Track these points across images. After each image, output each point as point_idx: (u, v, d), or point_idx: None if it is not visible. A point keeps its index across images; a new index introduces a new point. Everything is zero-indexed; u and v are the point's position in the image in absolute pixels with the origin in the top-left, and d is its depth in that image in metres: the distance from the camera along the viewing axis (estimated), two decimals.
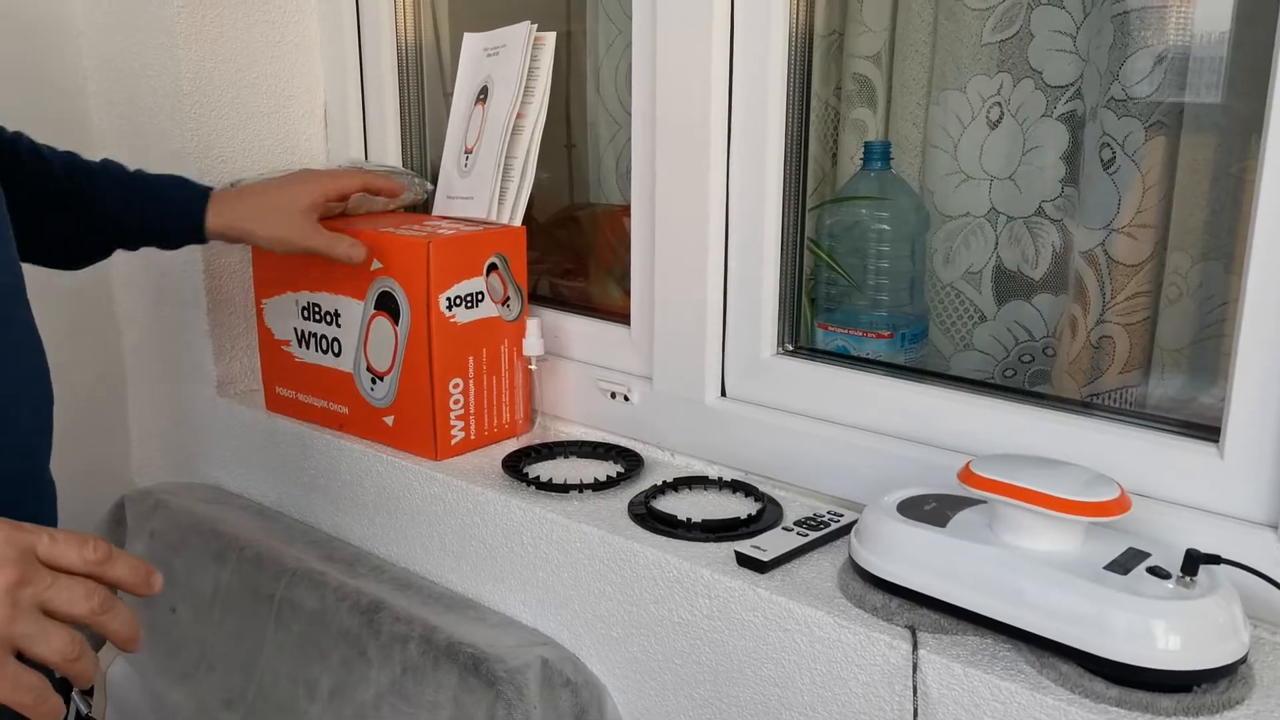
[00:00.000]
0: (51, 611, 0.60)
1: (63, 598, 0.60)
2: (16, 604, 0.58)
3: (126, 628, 0.64)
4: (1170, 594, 0.68)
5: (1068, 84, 1.07)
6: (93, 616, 0.61)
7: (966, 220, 1.15)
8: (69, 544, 0.61)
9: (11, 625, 0.58)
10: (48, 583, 0.60)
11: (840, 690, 0.79)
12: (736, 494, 1.00)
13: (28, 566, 0.59)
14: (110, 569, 0.62)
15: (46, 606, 0.60)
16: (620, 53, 1.33)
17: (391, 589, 1.06)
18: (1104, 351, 1.07)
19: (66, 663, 0.60)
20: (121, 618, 0.63)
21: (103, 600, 0.62)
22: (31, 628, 0.59)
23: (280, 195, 1.07)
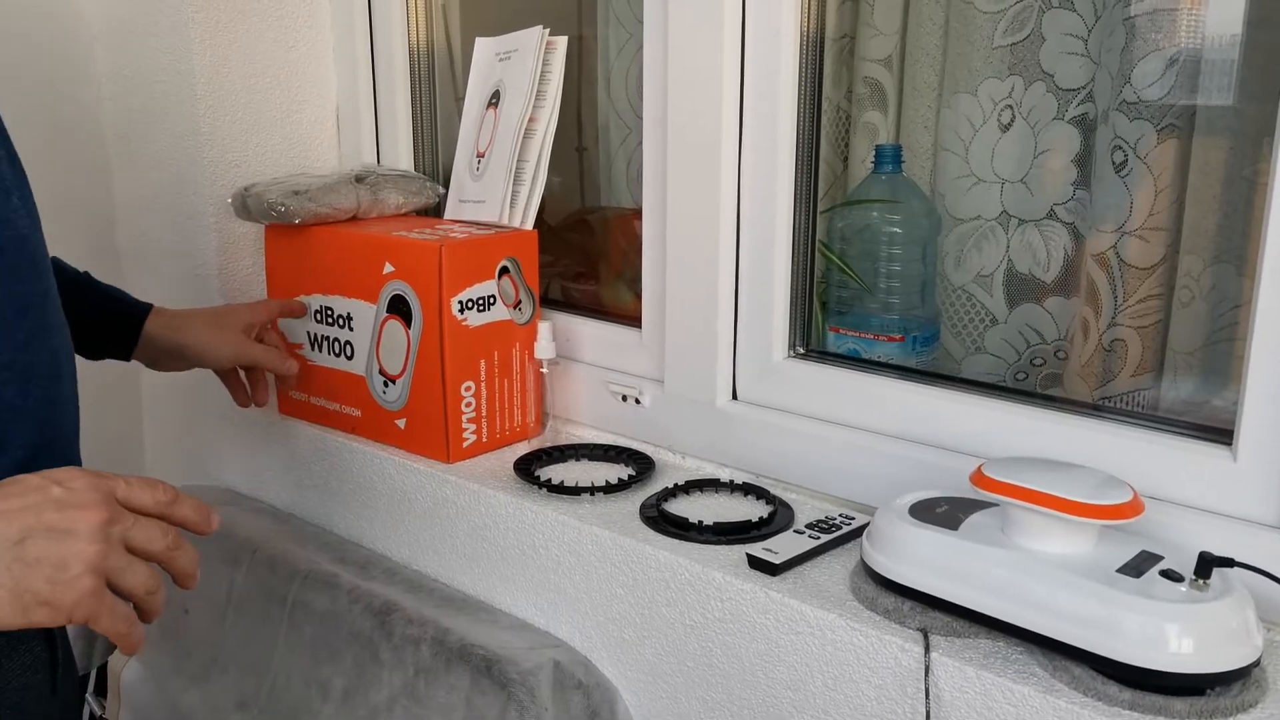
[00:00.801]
0: (133, 548, 0.66)
1: (143, 536, 0.66)
2: (108, 539, 0.64)
3: (190, 565, 0.70)
4: (1183, 597, 0.68)
5: (1079, 87, 1.07)
6: (167, 553, 0.67)
7: (978, 223, 1.15)
8: (143, 488, 0.67)
9: (106, 559, 0.63)
10: (130, 522, 0.65)
11: (852, 693, 0.79)
12: (748, 497, 1.00)
13: (113, 507, 0.65)
14: (177, 509, 0.69)
15: (130, 543, 0.65)
16: (631, 57, 1.34)
17: (404, 591, 1.07)
18: (1116, 354, 1.06)
19: (148, 595, 0.66)
20: (188, 556, 0.70)
21: (175, 538, 0.68)
22: (121, 561, 0.64)
23: (220, 313, 1.13)
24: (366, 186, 1.19)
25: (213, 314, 1.13)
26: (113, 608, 0.64)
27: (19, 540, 0.62)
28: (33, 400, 0.75)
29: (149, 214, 1.37)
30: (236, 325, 1.12)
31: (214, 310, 1.14)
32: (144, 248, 1.39)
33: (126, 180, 1.38)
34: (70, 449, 0.82)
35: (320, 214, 1.15)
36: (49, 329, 0.78)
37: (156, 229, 1.36)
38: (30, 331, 0.75)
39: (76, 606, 0.63)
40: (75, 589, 0.62)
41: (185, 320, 1.10)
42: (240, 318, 1.13)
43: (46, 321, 0.78)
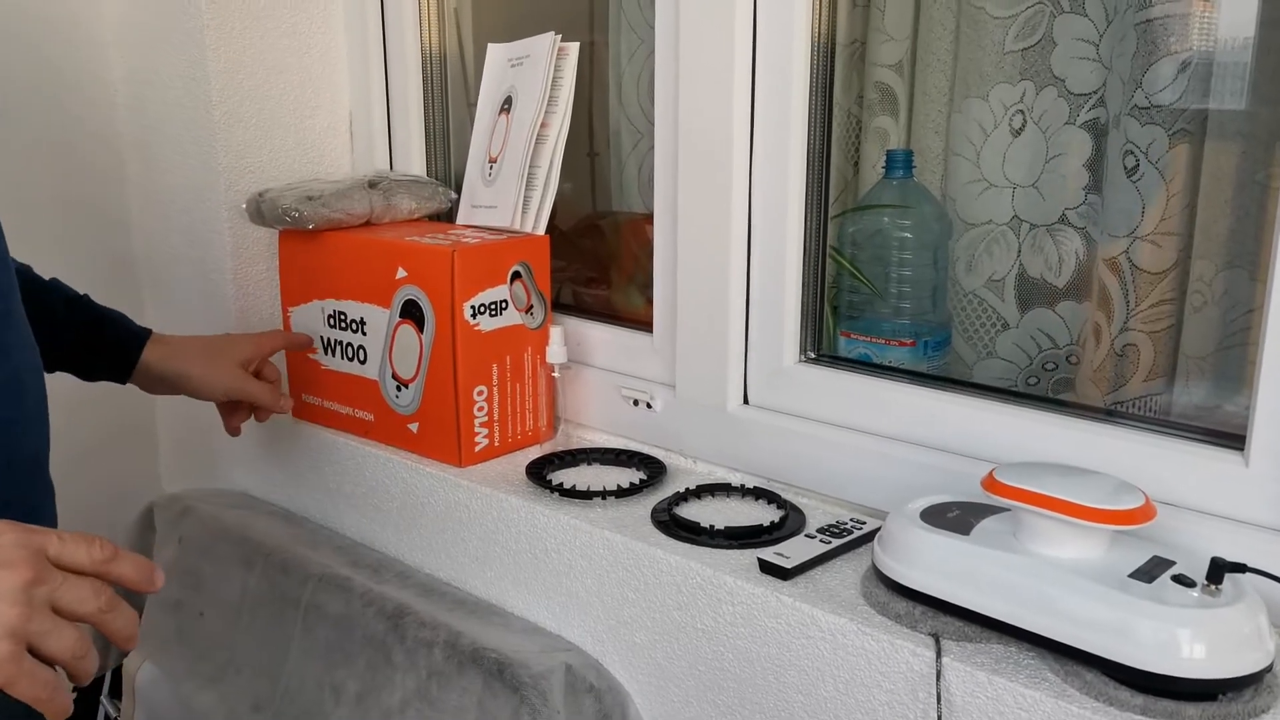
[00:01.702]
0: (61, 610, 0.62)
1: (72, 596, 0.62)
2: (31, 602, 0.60)
3: (128, 627, 0.66)
4: (1195, 602, 0.68)
5: (1091, 92, 1.07)
6: (99, 615, 0.64)
7: (989, 228, 1.15)
8: (77, 545, 0.64)
9: (27, 623, 0.60)
10: (58, 582, 0.62)
11: (864, 698, 0.79)
12: (759, 501, 1.00)
13: (40, 566, 0.61)
14: (115, 567, 0.65)
15: (57, 605, 0.62)
16: (642, 62, 1.34)
17: (416, 594, 1.07)
18: (1128, 359, 1.06)
19: (74, 660, 0.63)
20: (124, 618, 0.66)
21: (109, 599, 0.64)
22: (45, 625, 0.61)
23: (218, 344, 1.12)
24: (379, 192, 1.20)
25: (210, 345, 1.12)
26: (32, 673, 0.60)
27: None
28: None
29: (163, 219, 1.38)
30: (234, 358, 1.11)
31: (213, 340, 1.13)
32: (158, 253, 1.40)
33: (141, 185, 1.39)
34: (34, 471, 0.81)
35: (333, 219, 1.16)
36: (7, 348, 0.77)
37: (171, 234, 1.37)
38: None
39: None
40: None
41: (181, 350, 1.09)
42: (239, 350, 1.12)
43: (4, 341, 0.77)
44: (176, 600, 1.26)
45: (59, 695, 0.62)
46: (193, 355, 1.09)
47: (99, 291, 1.10)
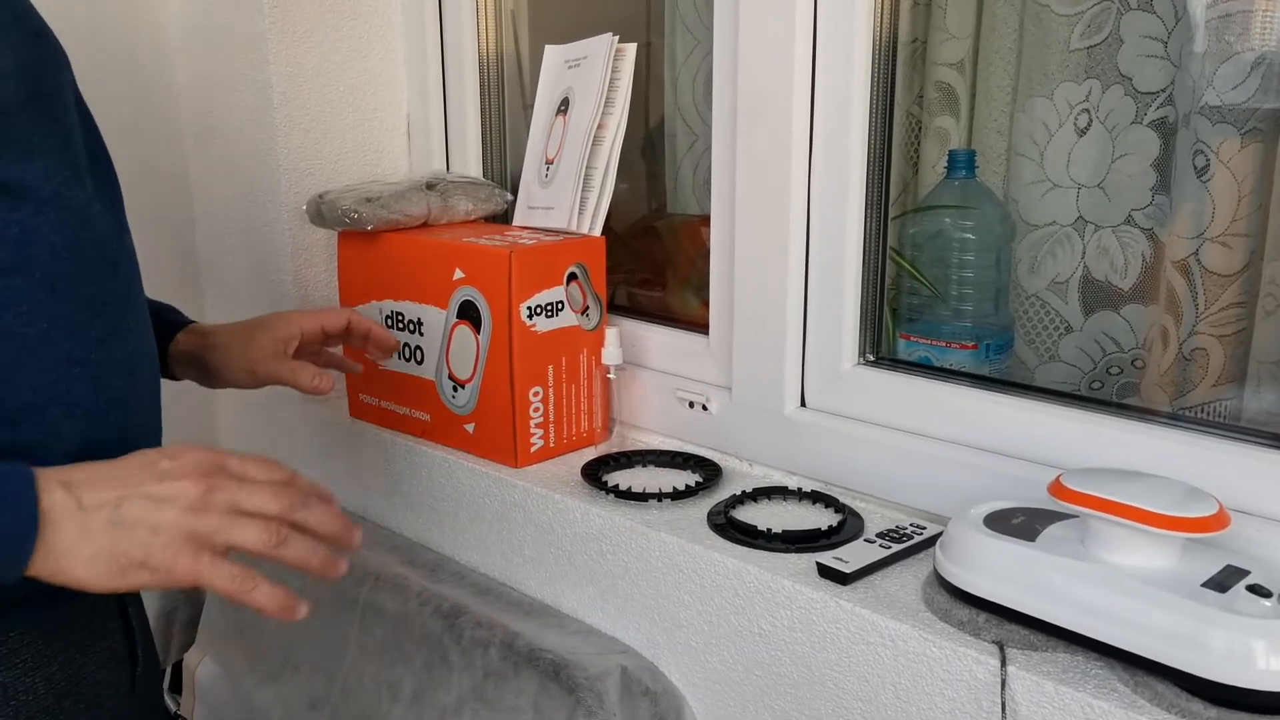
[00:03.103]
0: (245, 512, 0.67)
1: (254, 500, 0.68)
2: (207, 506, 0.66)
3: (330, 522, 0.71)
4: (1270, 613, 0.66)
5: (1159, 90, 1.05)
6: (286, 514, 0.68)
7: (1053, 229, 1.13)
8: (256, 463, 0.69)
9: (200, 521, 0.65)
10: (236, 488, 0.67)
11: (926, 706, 0.78)
12: (816, 505, 0.99)
13: (216, 478, 0.67)
14: (295, 482, 0.70)
15: (240, 508, 0.67)
16: (698, 64, 1.34)
17: (472, 594, 1.08)
18: (1196, 364, 1.04)
19: (270, 548, 0.68)
20: (320, 512, 0.71)
21: (292, 500, 0.69)
22: (221, 522, 0.66)
23: (256, 324, 1.02)
24: (437, 193, 1.21)
25: (248, 325, 1.01)
26: (215, 567, 0.66)
27: (117, 504, 0.64)
28: (104, 399, 0.75)
29: (226, 220, 1.40)
30: (270, 339, 0.99)
31: (254, 320, 1.02)
32: (221, 253, 1.42)
33: (205, 187, 1.42)
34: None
35: (392, 220, 1.17)
36: (126, 331, 0.79)
37: (233, 235, 1.39)
38: (105, 331, 0.76)
39: (175, 568, 0.65)
40: (170, 551, 0.65)
41: (213, 336, 1.00)
42: (276, 331, 1.00)
43: (125, 324, 0.79)
44: None
45: (258, 587, 0.67)
46: (221, 341, 1.00)
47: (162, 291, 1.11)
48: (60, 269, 0.72)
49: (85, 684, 0.78)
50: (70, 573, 0.64)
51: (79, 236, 0.74)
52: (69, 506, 0.64)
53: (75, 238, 0.73)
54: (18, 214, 0.69)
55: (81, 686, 0.77)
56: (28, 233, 0.70)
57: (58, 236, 0.72)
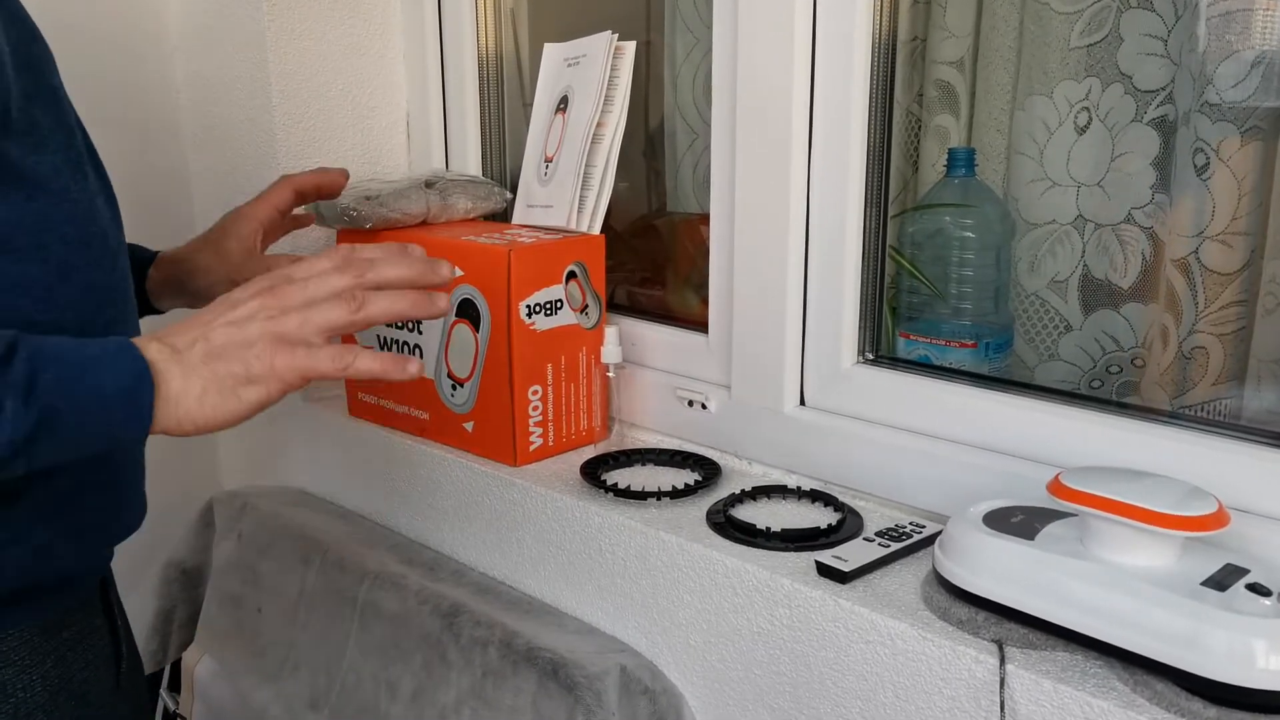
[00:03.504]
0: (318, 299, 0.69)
1: (322, 287, 0.69)
2: (284, 308, 0.68)
3: (410, 267, 0.72)
4: (1270, 611, 0.66)
5: (1159, 88, 1.04)
6: (360, 279, 0.70)
7: (1052, 228, 1.13)
8: (309, 261, 0.71)
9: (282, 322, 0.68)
10: (304, 284, 0.69)
11: (924, 704, 0.78)
12: (816, 504, 0.99)
13: (283, 282, 0.69)
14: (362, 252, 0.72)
15: (310, 299, 0.69)
16: (698, 62, 1.33)
17: (471, 593, 1.07)
18: (1196, 362, 1.04)
19: (355, 314, 0.69)
20: (389, 269, 0.71)
21: (357, 270, 0.70)
22: (301, 316, 0.68)
23: (217, 238, 1.01)
24: (436, 192, 1.20)
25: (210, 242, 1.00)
26: (312, 354, 0.68)
27: (205, 338, 0.67)
28: None
29: None
30: (238, 242, 0.99)
31: (210, 235, 1.00)
32: None
33: (203, 184, 1.41)
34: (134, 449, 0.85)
35: (390, 219, 1.16)
36: (126, 320, 0.81)
37: None
38: (111, 320, 0.78)
39: (276, 370, 0.67)
40: (266, 356, 0.67)
41: (188, 261, 0.99)
42: (239, 232, 0.99)
43: (126, 314, 0.81)
44: (235, 596, 1.28)
45: (361, 355, 0.69)
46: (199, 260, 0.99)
47: None
48: (72, 258, 0.74)
49: (75, 681, 0.79)
50: (191, 415, 0.66)
51: (87, 229, 0.76)
52: (166, 353, 0.66)
53: (84, 230, 0.75)
54: (34, 204, 0.71)
55: (72, 684, 0.78)
56: (42, 221, 0.71)
57: (69, 227, 0.74)
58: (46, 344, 0.63)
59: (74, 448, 0.64)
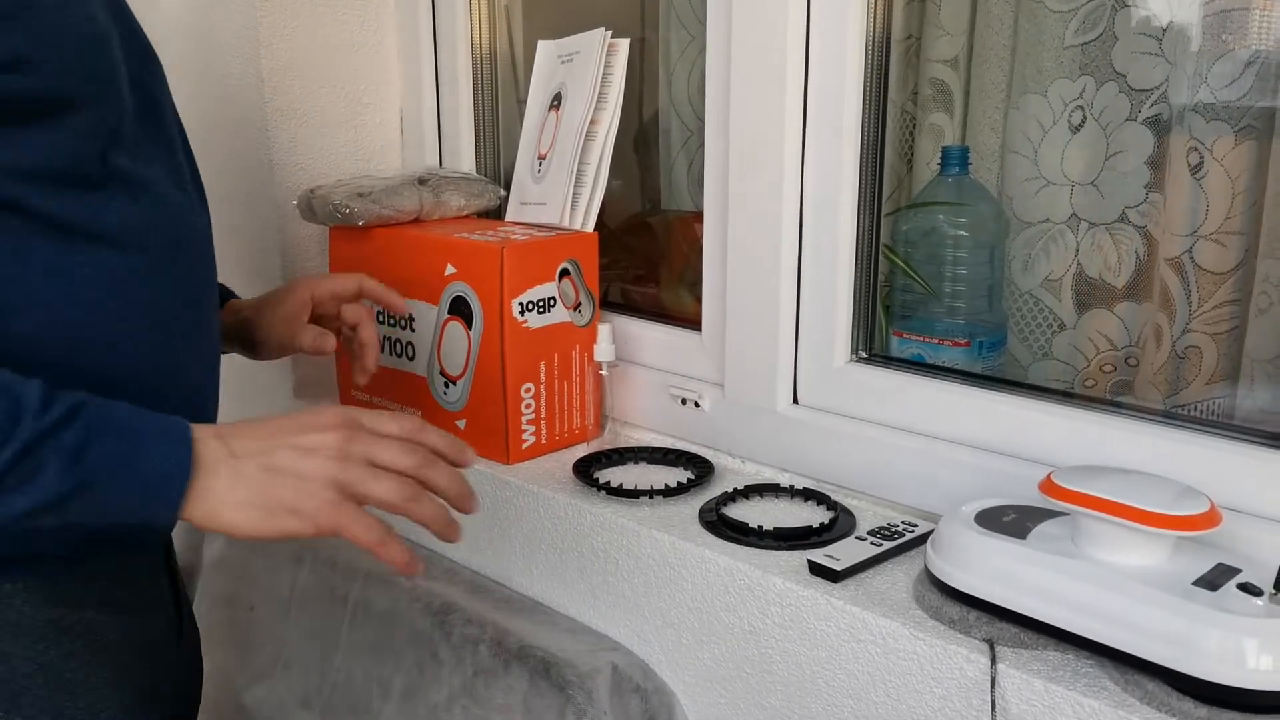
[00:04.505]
0: (379, 464, 0.70)
1: (387, 455, 0.70)
2: (348, 456, 0.69)
3: (455, 483, 0.73)
4: (1262, 611, 0.66)
5: (1153, 87, 1.04)
6: (419, 470, 0.71)
7: (1046, 226, 1.13)
8: (388, 418, 0.73)
9: (344, 472, 0.68)
10: (371, 442, 0.70)
11: (916, 703, 0.78)
12: (808, 502, 0.99)
13: (354, 430, 0.70)
14: (423, 436, 0.73)
15: (373, 460, 0.70)
16: (693, 59, 1.33)
17: (463, 592, 1.07)
18: (1189, 362, 1.04)
19: (404, 502, 0.70)
20: (446, 474, 0.72)
21: (425, 457, 0.71)
22: (363, 475, 0.69)
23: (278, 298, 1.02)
24: (429, 189, 1.20)
25: (271, 301, 1.01)
26: (357, 518, 0.68)
27: (267, 453, 0.68)
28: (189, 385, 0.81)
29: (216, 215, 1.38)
30: (292, 306, 1.00)
31: (274, 294, 1.02)
32: None
33: None
34: None
35: (383, 216, 1.16)
36: (211, 327, 0.84)
37: (223, 230, 1.37)
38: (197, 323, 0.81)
39: (319, 513, 0.67)
40: (317, 498, 0.67)
41: (252, 313, 1.01)
42: (295, 297, 1.00)
43: (211, 320, 0.84)
44: (227, 595, 1.27)
45: (390, 541, 0.70)
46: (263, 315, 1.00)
47: None
48: (174, 257, 0.77)
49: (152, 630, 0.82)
50: (222, 517, 0.67)
51: (187, 235, 0.80)
52: (222, 454, 0.67)
53: (182, 235, 0.79)
54: (137, 205, 0.74)
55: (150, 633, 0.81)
56: (147, 221, 0.75)
57: (171, 230, 0.77)
58: (110, 412, 0.65)
59: (102, 516, 0.65)
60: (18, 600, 0.71)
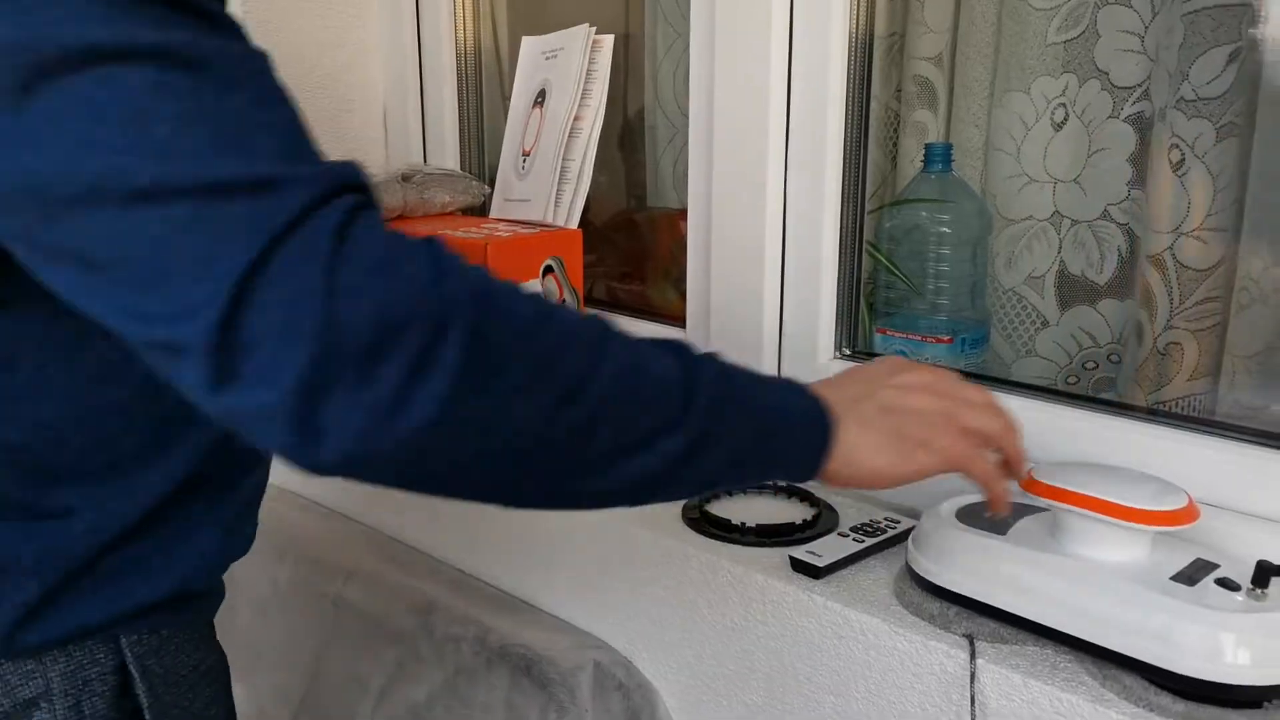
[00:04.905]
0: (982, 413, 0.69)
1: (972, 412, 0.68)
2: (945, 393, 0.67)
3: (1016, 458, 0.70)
4: (1240, 606, 0.66)
5: (1135, 84, 1.04)
6: (1000, 435, 0.69)
7: (1029, 224, 1.13)
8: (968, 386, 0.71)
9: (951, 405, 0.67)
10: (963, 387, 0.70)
11: (897, 699, 0.78)
12: (791, 499, 0.99)
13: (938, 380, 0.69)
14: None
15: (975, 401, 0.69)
16: (679, 56, 1.33)
17: (446, 590, 1.07)
18: (1171, 358, 1.04)
19: (1005, 431, 0.69)
20: (1016, 446, 0.70)
21: (1006, 424, 0.69)
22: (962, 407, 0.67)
23: None
24: (413, 186, 1.20)
25: None
26: (979, 452, 0.67)
27: (874, 395, 0.65)
28: None
29: None
30: None
31: None
32: None
33: None
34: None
35: None
36: None
37: None
38: None
39: (950, 447, 0.65)
40: (942, 431, 0.65)
41: None
42: None
43: None
44: None
45: (1002, 479, 0.69)
46: None
47: None
48: None
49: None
50: (862, 463, 0.63)
51: None
52: (837, 399, 0.64)
53: None
54: None
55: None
56: None
57: None
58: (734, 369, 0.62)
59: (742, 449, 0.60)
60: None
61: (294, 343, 0.45)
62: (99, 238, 0.46)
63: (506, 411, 0.50)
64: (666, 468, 0.56)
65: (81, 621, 0.66)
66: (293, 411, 0.45)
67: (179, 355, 0.46)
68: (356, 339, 0.45)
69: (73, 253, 0.47)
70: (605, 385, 0.53)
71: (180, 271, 0.45)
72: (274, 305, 0.45)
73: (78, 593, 0.65)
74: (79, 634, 0.66)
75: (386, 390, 0.46)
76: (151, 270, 0.46)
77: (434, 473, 0.50)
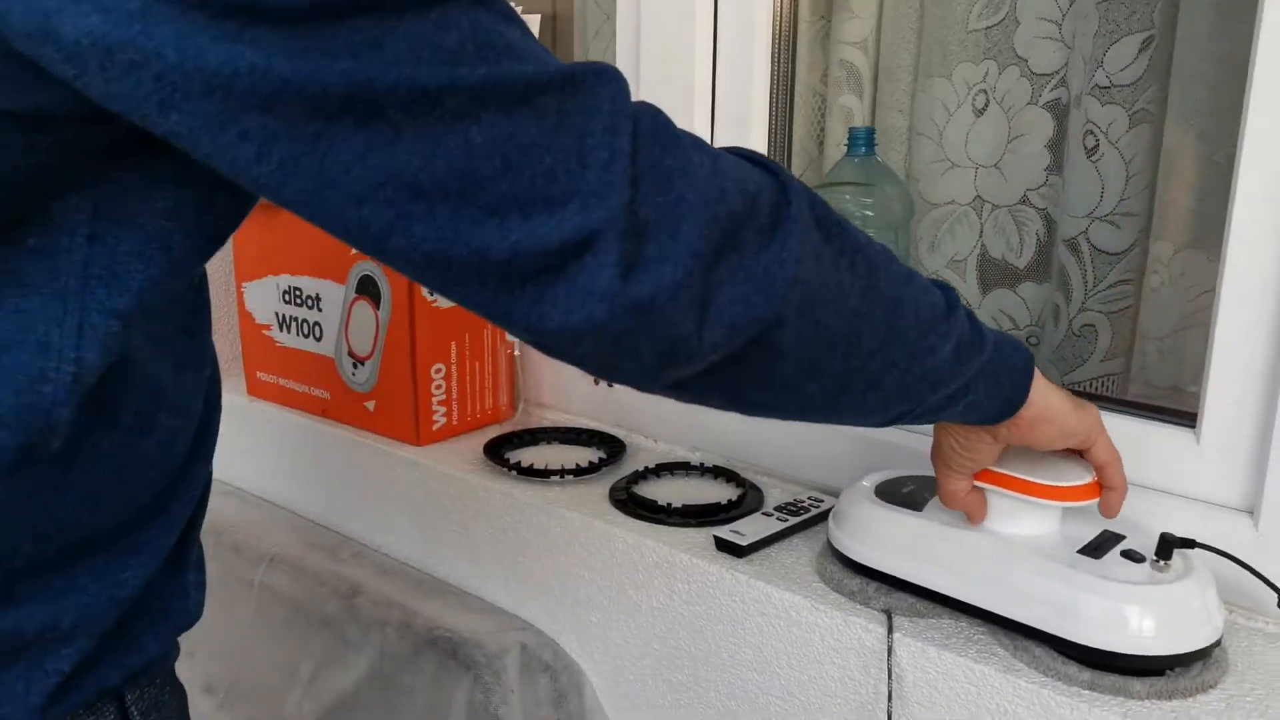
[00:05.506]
0: None
1: None
2: None
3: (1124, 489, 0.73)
4: (1144, 578, 0.68)
5: (1053, 72, 1.07)
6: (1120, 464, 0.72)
7: (951, 208, 1.15)
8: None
9: None
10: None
11: (816, 673, 0.79)
12: (718, 480, 1.00)
13: None
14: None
15: None
16: (608, 39, 1.32)
17: (372, 574, 1.06)
18: (1085, 340, 1.06)
19: None
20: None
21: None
22: None
23: None
24: None
25: None
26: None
27: None
28: None
29: None
30: None
31: None
32: None
33: None
34: None
35: None
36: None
37: None
38: None
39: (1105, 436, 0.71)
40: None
41: None
42: None
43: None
44: None
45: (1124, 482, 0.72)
46: None
47: None
48: None
49: None
50: (1052, 396, 0.67)
51: None
52: None
53: None
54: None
55: None
56: None
57: None
58: None
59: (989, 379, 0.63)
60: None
61: (685, 217, 0.47)
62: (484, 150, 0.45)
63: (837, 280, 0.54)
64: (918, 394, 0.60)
65: (101, 685, 0.63)
66: (699, 284, 0.48)
67: (585, 253, 0.46)
68: (729, 208, 0.49)
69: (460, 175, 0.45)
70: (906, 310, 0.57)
71: (568, 163, 0.46)
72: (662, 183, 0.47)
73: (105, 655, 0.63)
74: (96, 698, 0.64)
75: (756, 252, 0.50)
76: (545, 169, 0.46)
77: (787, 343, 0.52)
